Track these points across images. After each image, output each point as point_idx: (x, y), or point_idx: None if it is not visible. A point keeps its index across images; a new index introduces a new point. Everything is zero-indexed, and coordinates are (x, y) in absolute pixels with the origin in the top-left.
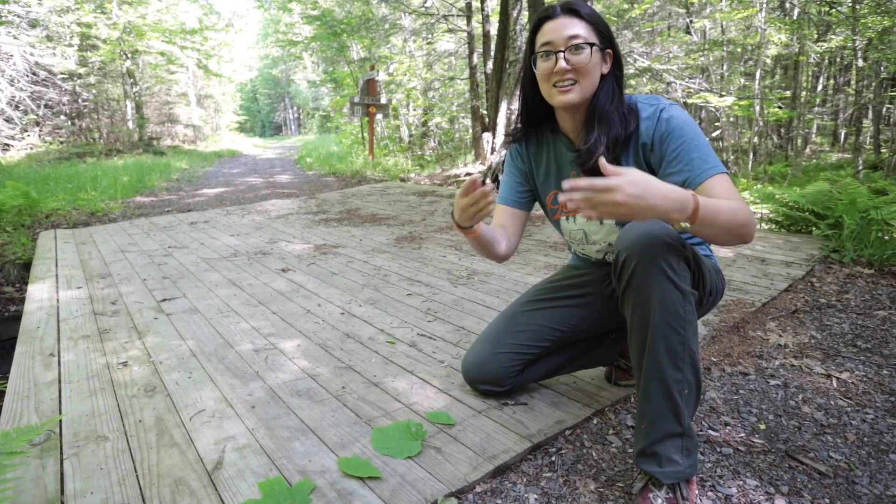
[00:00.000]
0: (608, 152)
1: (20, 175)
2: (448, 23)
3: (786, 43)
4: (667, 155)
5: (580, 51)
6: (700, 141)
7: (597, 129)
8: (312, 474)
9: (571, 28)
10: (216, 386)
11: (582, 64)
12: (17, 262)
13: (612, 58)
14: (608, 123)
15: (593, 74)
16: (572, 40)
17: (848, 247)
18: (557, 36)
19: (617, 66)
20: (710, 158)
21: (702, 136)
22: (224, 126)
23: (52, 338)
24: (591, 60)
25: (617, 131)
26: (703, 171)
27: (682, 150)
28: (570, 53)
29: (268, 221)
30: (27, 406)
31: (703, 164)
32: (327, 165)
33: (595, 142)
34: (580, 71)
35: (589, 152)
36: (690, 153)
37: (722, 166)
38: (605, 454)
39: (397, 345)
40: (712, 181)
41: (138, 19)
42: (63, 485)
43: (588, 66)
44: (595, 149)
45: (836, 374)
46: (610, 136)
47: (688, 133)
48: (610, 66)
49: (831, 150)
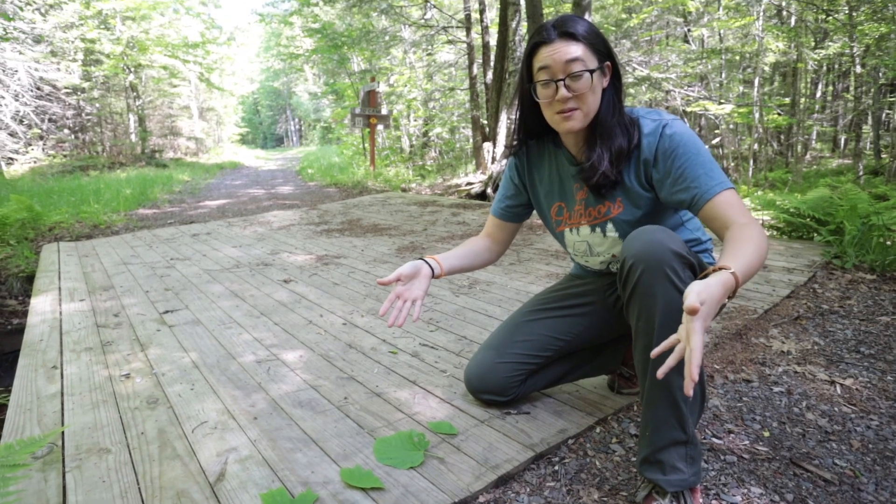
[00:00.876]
0: (612, 167)
1: (24, 188)
2: (448, 34)
3: (784, 50)
4: (672, 172)
5: (579, 79)
6: (704, 157)
7: (598, 145)
8: (315, 485)
9: (568, 53)
10: (218, 397)
11: (583, 90)
12: (20, 276)
13: (610, 69)
14: (610, 137)
15: (595, 97)
16: (571, 66)
17: (850, 252)
18: (555, 63)
19: (616, 77)
20: (715, 174)
21: (705, 151)
22: (226, 138)
23: (54, 350)
24: (592, 84)
25: (619, 143)
26: (710, 188)
27: (687, 167)
28: (570, 81)
29: (270, 232)
30: (30, 419)
31: (709, 180)
32: (329, 176)
33: (598, 157)
34: (581, 98)
35: (592, 168)
36: (696, 170)
37: (727, 181)
38: (608, 463)
39: (399, 355)
40: (720, 198)
41: (141, 34)
42: (65, 498)
43: (589, 90)
44: (599, 164)
45: (839, 380)
46: (613, 150)
47: (692, 149)
48: (609, 78)
49: (832, 155)
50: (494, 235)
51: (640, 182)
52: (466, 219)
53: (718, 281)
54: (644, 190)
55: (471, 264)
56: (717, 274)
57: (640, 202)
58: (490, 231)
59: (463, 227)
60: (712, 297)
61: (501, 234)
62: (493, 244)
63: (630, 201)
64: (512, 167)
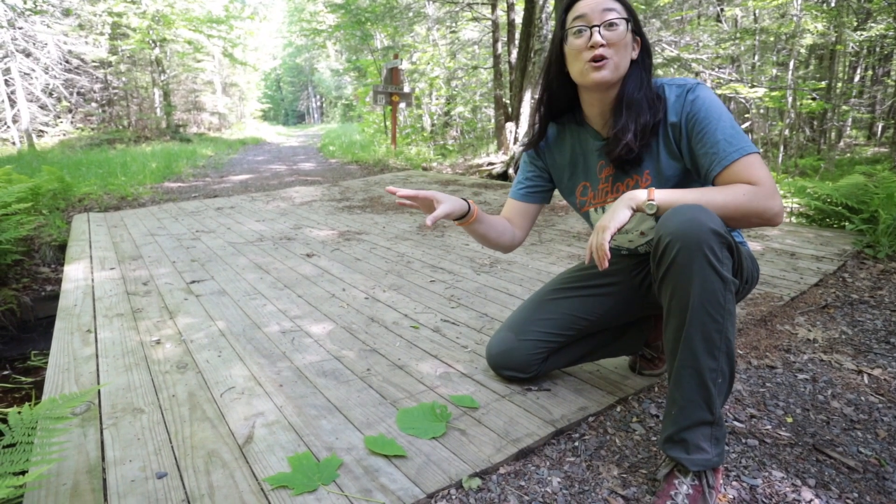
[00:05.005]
0: (636, 139)
1: (54, 160)
2: (472, 11)
3: (822, 31)
4: (693, 137)
5: (616, 27)
6: (724, 122)
7: (624, 116)
8: (339, 451)
9: (606, 2)
10: (245, 365)
11: (617, 39)
12: (52, 244)
13: (640, 45)
14: (636, 110)
15: (627, 53)
16: (607, 14)
17: (883, 242)
18: (592, 11)
19: (646, 54)
20: (736, 140)
21: (727, 116)
22: (248, 114)
23: (88, 315)
24: (626, 38)
25: (645, 118)
26: (729, 154)
27: (706, 132)
28: (606, 29)
29: (292, 208)
30: (68, 378)
31: (728, 146)
32: (350, 154)
33: (622, 128)
34: (615, 46)
35: (616, 139)
36: (716, 135)
37: (750, 146)
38: (628, 441)
39: (421, 329)
40: (738, 165)
41: (166, 8)
42: (104, 452)
43: (623, 42)
44: (623, 135)
45: (867, 370)
46: (638, 123)
47: (713, 114)
48: (639, 53)
49: (867, 143)
50: (514, 220)
51: (670, 150)
52: (488, 198)
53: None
54: (674, 159)
55: (496, 232)
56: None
57: (669, 173)
58: (509, 216)
59: (484, 206)
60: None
61: (521, 220)
62: (512, 229)
63: (659, 173)
64: (532, 151)
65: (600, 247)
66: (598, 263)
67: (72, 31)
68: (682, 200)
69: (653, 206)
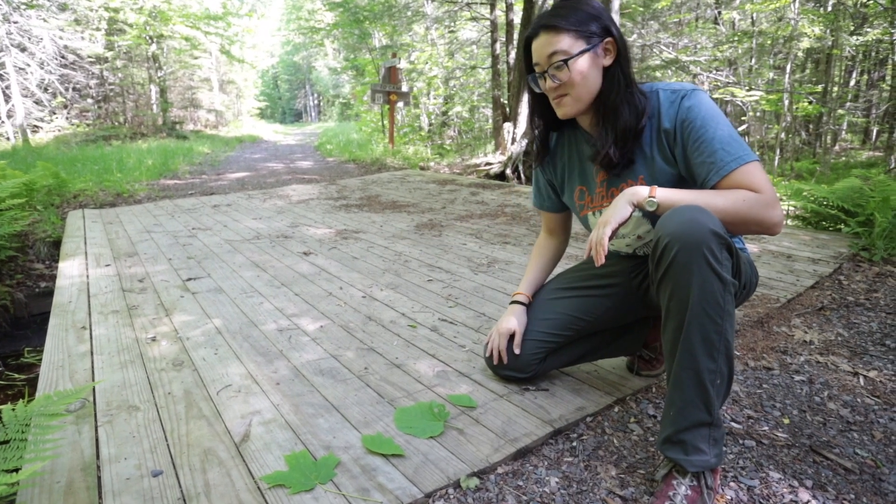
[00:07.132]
0: (616, 147)
1: (49, 156)
2: (471, 10)
3: (819, 35)
4: (689, 145)
5: (560, 69)
6: (721, 130)
7: (602, 124)
8: (337, 450)
9: (550, 46)
10: (241, 363)
11: (567, 78)
12: (46, 240)
13: (614, 45)
14: (615, 116)
15: (585, 81)
16: (553, 58)
17: (879, 245)
18: (540, 57)
19: (621, 54)
20: (733, 148)
21: (724, 123)
22: (245, 112)
23: (83, 312)
24: (575, 71)
25: (625, 122)
26: (727, 163)
27: (703, 140)
28: (554, 71)
29: (289, 206)
30: (62, 375)
31: (726, 155)
32: (347, 152)
33: (601, 138)
34: (568, 84)
35: (596, 149)
36: (713, 144)
37: (749, 154)
38: (626, 441)
39: (419, 329)
40: (736, 174)
41: (164, 4)
42: (98, 450)
43: (573, 78)
44: (602, 146)
45: (863, 372)
46: (618, 129)
47: (710, 122)
48: (614, 56)
49: (862, 147)
50: (555, 230)
51: (664, 155)
52: (485, 198)
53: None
54: (668, 165)
55: (549, 270)
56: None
57: (662, 178)
58: (550, 227)
59: (482, 206)
60: (614, 205)
61: (558, 226)
62: (558, 236)
63: (653, 177)
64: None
65: (599, 242)
66: (595, 258)
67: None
68: (683, 200)
69: (653, 202)
